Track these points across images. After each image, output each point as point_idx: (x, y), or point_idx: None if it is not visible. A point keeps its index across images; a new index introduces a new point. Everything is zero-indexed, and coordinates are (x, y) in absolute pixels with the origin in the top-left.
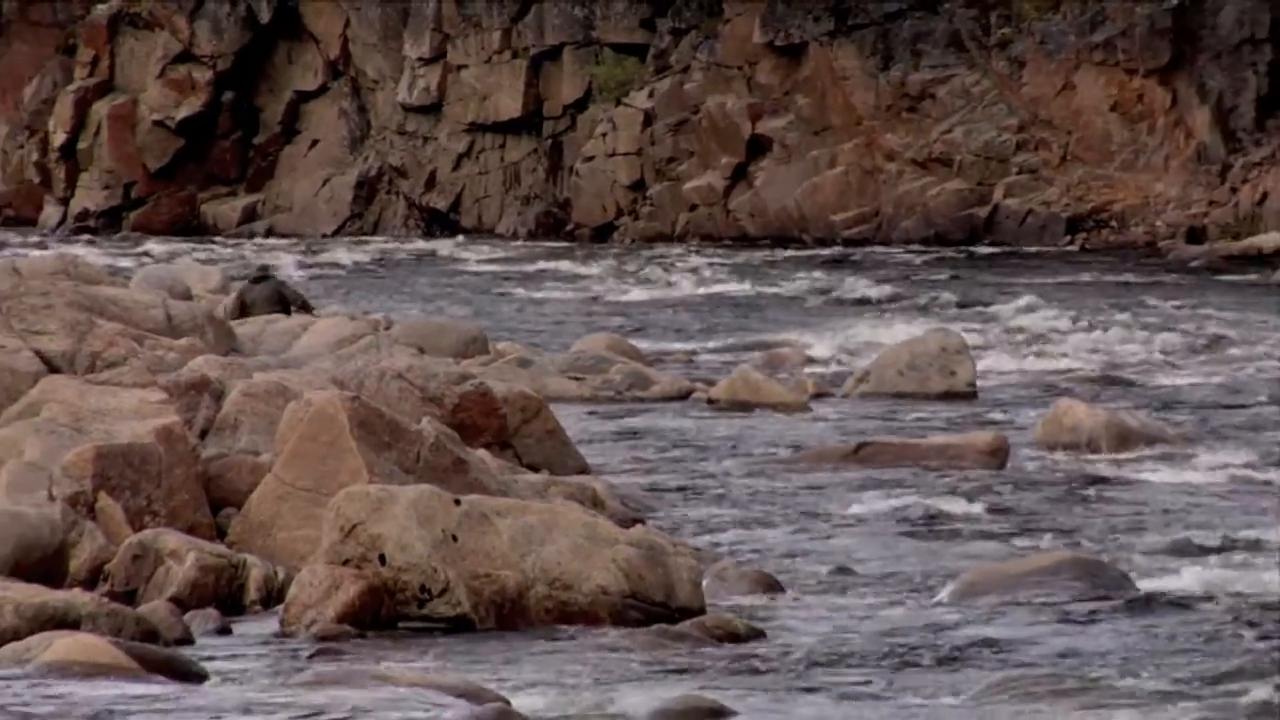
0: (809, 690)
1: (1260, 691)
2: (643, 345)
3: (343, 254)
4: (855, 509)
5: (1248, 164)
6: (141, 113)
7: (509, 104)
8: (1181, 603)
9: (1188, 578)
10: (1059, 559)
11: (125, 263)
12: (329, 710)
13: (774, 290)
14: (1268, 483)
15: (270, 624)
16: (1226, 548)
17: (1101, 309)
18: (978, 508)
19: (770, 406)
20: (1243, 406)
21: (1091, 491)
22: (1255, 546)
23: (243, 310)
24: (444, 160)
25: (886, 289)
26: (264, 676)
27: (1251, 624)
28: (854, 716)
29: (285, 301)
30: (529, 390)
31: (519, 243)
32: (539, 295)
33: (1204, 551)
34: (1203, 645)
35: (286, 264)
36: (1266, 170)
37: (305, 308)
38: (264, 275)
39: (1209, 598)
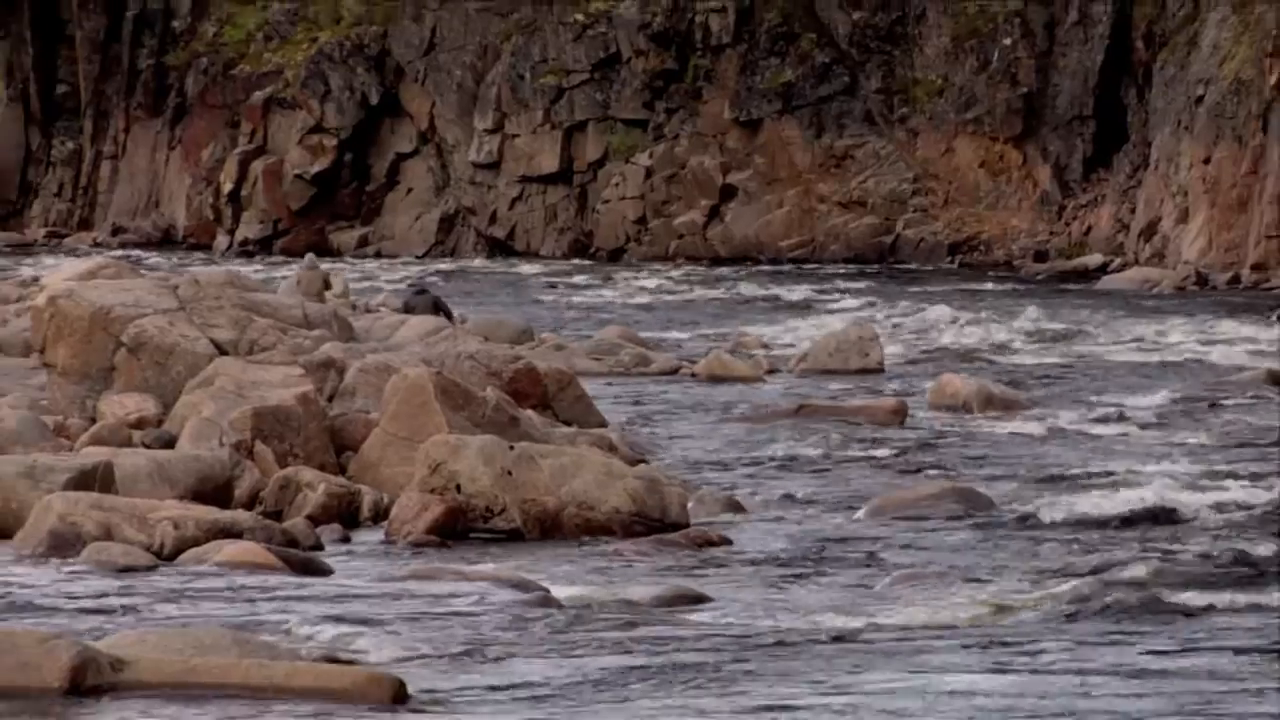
0: (763, 582)
1: (1078, 584)
2: (645, 335)
3: (431, 271)
4: (796, 452)
5: (1077, 205)
6: (286, 169)
7: (549, 162)
8: (1028, 521)
9: (1033, 503)
10: (943, 488)
11: (275, 273)
12: (420, 596)
13: (738, 295)
14: (1089, 434)
15: (378, 535)
16: (1061, 481)
17: (973, 309)
18: (885, 451)
19: (736, 379)
20: (1071, 379)
21: (966, 440)
22: (1081, 480)
23: (407, 312)
24: (502, 202)
25: (819, 295)
26: (373, 572)
27: (1075, 537)
28: (796, 599)
29: (438, 307)
30: (563, 367)
31: (556, 261)
32: (570, 299)
33: (1045, 484)
34: (1041, 550)
35: (435, 281)
36: (1090, 210)
37: (449, 313)
38: (422, 290)
39: (1047, 518)
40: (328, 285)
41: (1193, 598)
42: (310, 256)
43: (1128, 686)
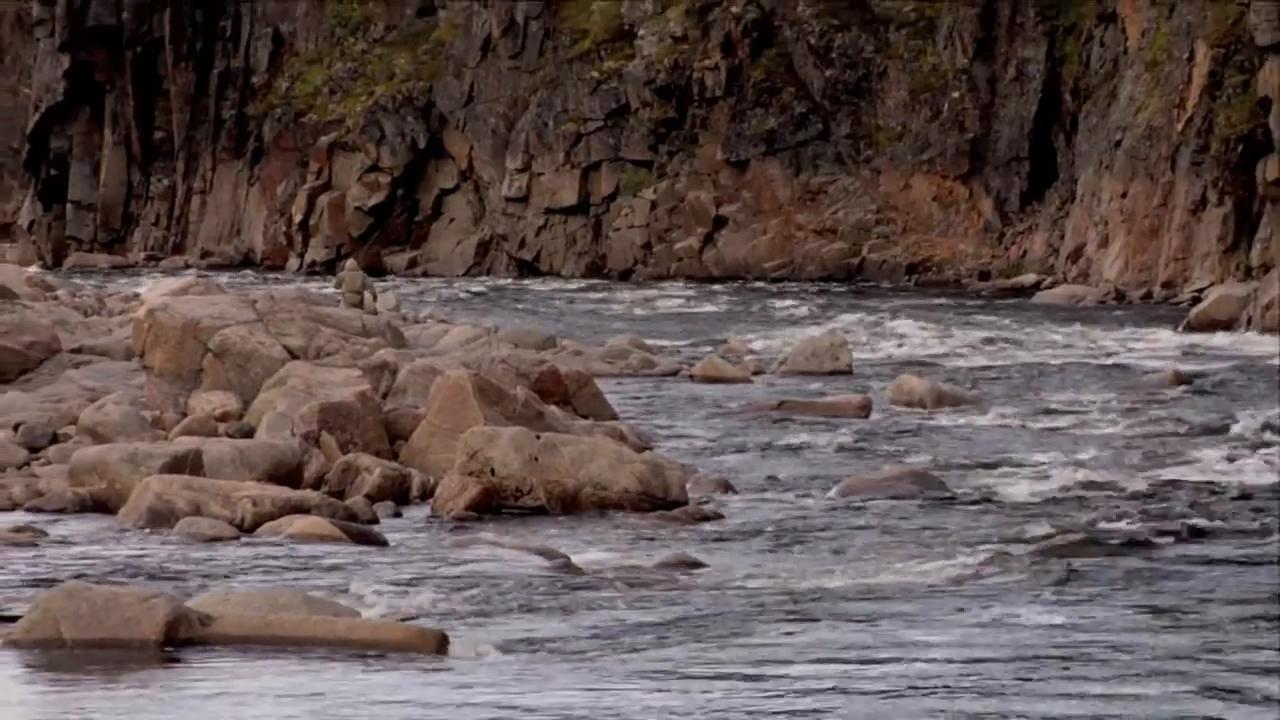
0: (750, 550)
1: (1013, 551)
2: (650, 342)
3: (469, 288)
4: (778, 441)
5: (1014, 233)
6: (347, 202)
7: (569, 196)
8: (972, 499)
9: (978, 484)
10: (901, 471)
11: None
12: (460, 563)
13: (729, 309)
14: (1024, 426)
15: (424, 511)
16: (1000, 465)
17: (926, 320)
18: (852, 440)
19: (727, 379)
20: (1009, 379)
21: (921, 431)
22: (1018, 465)
23: None
24: (529, 230)
25: (797, 308)
26: (421, 542)
27: (1011, 512)
28: (778, 565)
29: None
30: (581, 369)
31: (575, 281)
32: (586, 311)
33: (987, 468)
34: (982, 523)
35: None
36: (1025, 237)
37: None
38: None
39: (988, 496)
40: (365, 284)
41: (1105, 561)
42: (351, 262)
43: (1054, 634)
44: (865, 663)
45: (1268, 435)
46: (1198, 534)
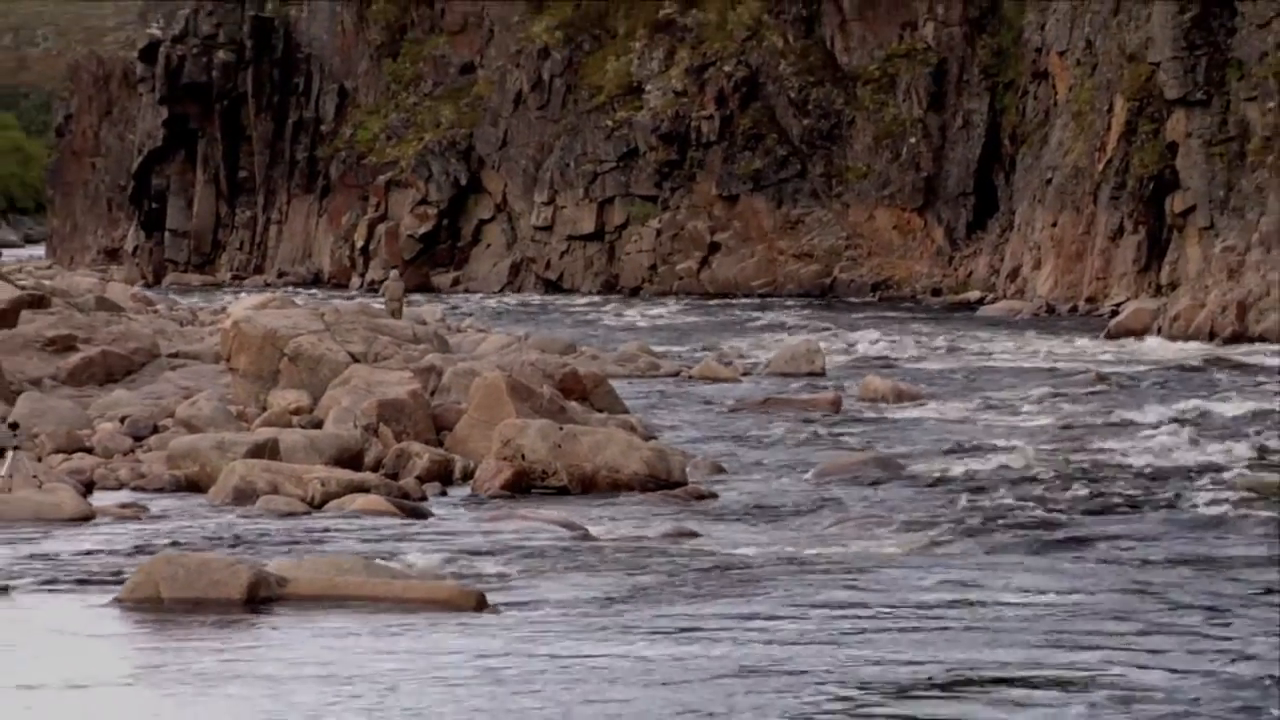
0: (739, 523)
1: (962, 522)
2: (655, 348)
3: (503, 303)
4: (764, 431)
5: (962, 256)
6: (401, 230)
7: (587, 225)
8: (926, 479)
9: (931, 467)
10: (866, 456)
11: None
12: (495, 534)
13: (722, 321)
14: (970, 418)
15: (466, 490)
16: (952, 451)
17: (888, 330)
18: (825, 430)
19: (721, 380)
20: (957, 379)
21: (883, 423)
22: (965, 451)
23: None
24: (554, 254)
25: (779, 320)
26: (463, 516)
27: (958, 490)
28: (761, 536)
29: None
30: (598, 371)
31: (592, 297)
32: (602, 323)
33: (939, 453)
34: (933, 499)
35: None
36: (971, 260)
37: None
38: None
39: (942, 476)
40: (405, 293)
41: (1041, 531)
42: (394, 272)
43: (1007, 601)
44: (835, 616)
45: (1175, 425)
46: (1120, 512)
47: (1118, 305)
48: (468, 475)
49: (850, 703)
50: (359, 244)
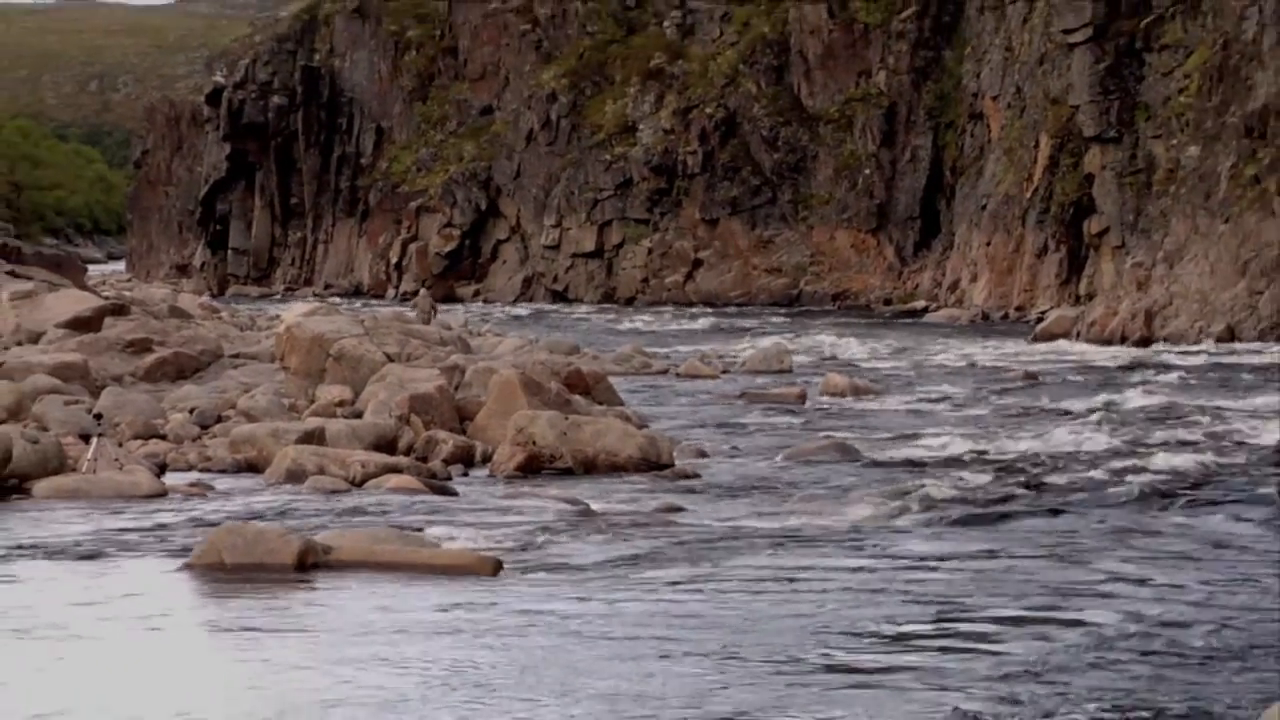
0: (719, 500)
1: (911, 500)
2: (648, 349)
3: (517, 311)
4: (741, 420)
5: (910, 271)
6: (430, 249)
7: (589, 244)
8: (880, 463)
9: (884, 452)
10: (829, 443)
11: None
12: (511, 510)
13: (704, 327)
14: (917, 410)
15: (485, 472)
16: (900, 438)
17: (846, 334)
18: (793, 420)
19: (703, 376)
20: (906, 376)
21: (843, 414)
22: (913, 438)
23: None
24: (561, 269)
25: (753, 325)
26: (482, 494)
27: (908, 472)
28: (739, 510)
29: None
30: (598, 369)
31: (593, 305)
32: (601, 327)
33: (890, 440)
34: (887, 481)
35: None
36: (918, 274)
37: None
38: None
39: (894, 460)
40: (434, 308)
41: (978, 509)
42: (424, 291)
43: (949, 564)
44: (800, 580)
45: (1095, 416)
46: (1046, 489)
47: (1043, 313)
48: (487, 458)
49: (818, 650)
50: (393, 260)
